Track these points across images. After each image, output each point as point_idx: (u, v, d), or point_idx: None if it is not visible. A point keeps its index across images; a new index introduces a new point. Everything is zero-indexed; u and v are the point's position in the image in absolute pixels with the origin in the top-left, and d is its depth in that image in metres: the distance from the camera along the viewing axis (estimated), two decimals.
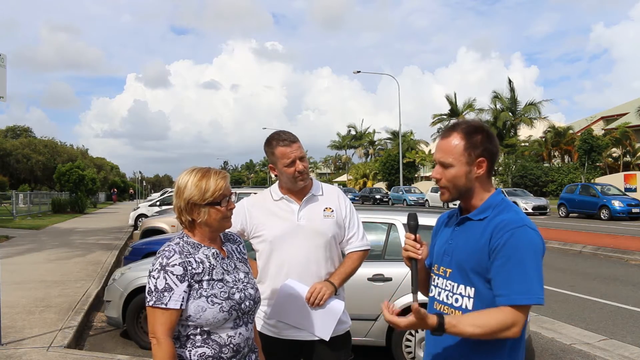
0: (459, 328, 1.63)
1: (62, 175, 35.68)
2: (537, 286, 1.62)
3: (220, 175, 1.90)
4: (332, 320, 2.47)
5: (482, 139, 1.77)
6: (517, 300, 1.61)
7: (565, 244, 13.39)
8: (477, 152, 1.76)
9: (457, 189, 1.79)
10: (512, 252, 1.64)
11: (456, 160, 1.76)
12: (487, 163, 1.78)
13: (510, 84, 47.86)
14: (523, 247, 1.64)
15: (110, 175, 79.10)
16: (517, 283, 1.62)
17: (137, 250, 7.82)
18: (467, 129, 1.78)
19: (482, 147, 1.76)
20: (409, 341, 4.62)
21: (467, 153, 1.76)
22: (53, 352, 4.88)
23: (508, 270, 1.63)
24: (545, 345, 5.57)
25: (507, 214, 1.73)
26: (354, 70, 39.93)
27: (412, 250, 1.84)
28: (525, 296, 1.61)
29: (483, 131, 1.79)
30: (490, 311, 1.65)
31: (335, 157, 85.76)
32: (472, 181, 1.78)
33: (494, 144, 1.79)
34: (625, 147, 39.93)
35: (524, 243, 1.65)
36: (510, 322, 1.61)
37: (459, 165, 1.76)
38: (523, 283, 1.61)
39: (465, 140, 1.76)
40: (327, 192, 2.62)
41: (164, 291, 1.76)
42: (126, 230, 18.68)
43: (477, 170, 1.77)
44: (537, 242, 1.67)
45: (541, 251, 1.68)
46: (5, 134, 60.96)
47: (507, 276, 1.64)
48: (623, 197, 23.07)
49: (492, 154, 1.78)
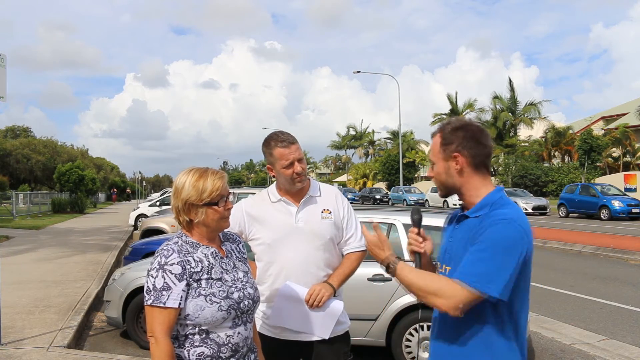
0: (401, 273, 1.76)
1: (62, 175, 35.70)
2: (494, 277, 1.62)
3: (217, 176, 1.90)
4: (331, 320, 2.47)
5: (457, 136, 1.81)
6: (466, 279, 1.64)
7: (565, 244, 13.39)
8: (451, 147, 1.81)
9: (442, 184, 1.88)
10: (485, 241, 1.67)
11: (435, 157, 1.87)
12: (464, 158, 1.80)
13: (510, 84, 47.94)
14: (497, 239, 1.66)
15: (110, 175, 79.09)
16: (476, 267, 1.64)
17: (137, 250, 7.83)
18: (445, 127, 1.85)
19: (456, 143, 1.80)
20: (409, 341, 4.62)
21: (442, 149, 1.84)
22: (53, 352, 4.88)
23: (474, 254, 1.67)
24: (545, 345, 5.57)
25: (502, 209, 1.74)
26: (354, 70, 40.04)
27: (415, 244, 1.91)
28: (474, 279, 1.63)
29: (462, 128, 1.82)
30: (438, 276, 1.76)
31: (335, 157, 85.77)
32: (453, 177, 1.83)
33: (474, 140, 1.80)
34: (625, 147, 39.94)
35: (499, 236, 1.66)
36: (448, 294, 1.65)
37: (438, 162, 1.86)
38: (481, 269, 1.63)
39: (442, 138, 1.84)
40: (324, 193, 2.61)
41: (162, 290, 1.76)
42: (126, 230, 18.68)
43: (455, 165, 1.81)
44: (514, 239, 1.66)
45: (516, 248, 1.65)
46: (4, 134, 60.94)
47: (471, 259, 1.67)
48: (623, 197, 23.07)
49: (469, 149, 1.80)
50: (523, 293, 1.75)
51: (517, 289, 1.70)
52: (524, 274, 1.72)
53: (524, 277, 1.73)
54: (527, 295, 1.79)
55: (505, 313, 1.72)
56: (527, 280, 1.76)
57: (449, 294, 1.65)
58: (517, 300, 1.72)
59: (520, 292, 1.73)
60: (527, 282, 1.76)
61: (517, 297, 1.72)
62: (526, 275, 1.74)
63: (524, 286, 1.74)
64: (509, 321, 1.73)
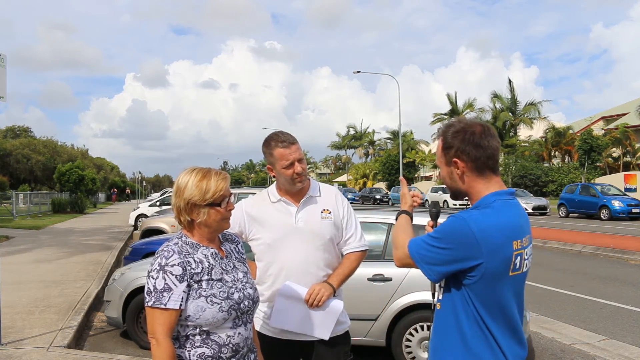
0: (396, 223, 2.03)
1: (62, 175, 35.70)
2: (423, 251, 1.75)
3: (221, 176, 1.90)
4: (331, 320, 2.48)
5: (454, 140, 1.79)
6: (410, 243, 1.82)
7: (565, 244, 13.39)
8: (450, 152, 1.80)
9: (449, 188, 1.89)
10: (440, 226, 1.78)
11: (439, 162, 1.89)
12: (465, 163, 1.77)
13: (510, 84, 47.92)
14: (445, 225, 1.73)
15: (110, 175, 79.06)
16: (423, 237, 1.79)
17: (137, 250, 7.82)
18: (447, 131, 1.83)
19: (454, 148, 1.79)
20: (409, 341, 4.62)
21: (444, 154, 1.83)
22: (53, 352, 4.88)
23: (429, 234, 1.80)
24: (545, 345, 5.57)
25: (478, 211, 1.71)
26: (354, 70, 39.98)
27: None
28: (413, 249, 1.79)
29: (462, 132, 1.78)
30: (409, 235, 1.91)
31: (335, 157, 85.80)
32: (456, 181, 1.83)
33: (472, 142, 1.76)
34: (625, 147, 39.95)
35: (447, 224, 1.72)
36: (399, 247, 1.87)
37: (442, 166, 1.87)
38: (421, 240, 1.78)
39: (442, 142, 1.84)
40: (324, 193, 2.62)
41: (163, 291, 1.76)
42: (126, 230, 18.68)
43: (456, 170, 1.80)
44: (458, 231, 1.67)
45: (455, 240, 1.67)
46: (4, 134, 60.93)
47: (425, 235, 1.81)
48: (623, 197, 23.07)
49: (468, 154, 1.76)
50: (492, 300, 1.70)
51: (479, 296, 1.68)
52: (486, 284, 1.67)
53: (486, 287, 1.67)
54: (507, 305, 1.72)
55: (474, 311, 1.71)
56: (494, 294, 1.69)
57: (399, 248, 1.87)
58: (481, 306, 1.69)
59: (486, 298, 1.69)
60: (495, 296, 1.69)
61: (483, 303, 1.69)
62: (490, 287, 1.68)
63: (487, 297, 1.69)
64: (479, 319, 1.71)
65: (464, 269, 1.68)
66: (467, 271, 1.68)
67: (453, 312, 1.75)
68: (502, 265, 1.67)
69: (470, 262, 1.65)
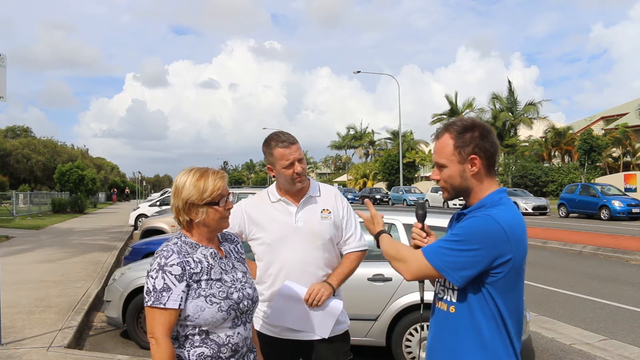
0: (382, 242, 1.95)
1: (62, 175, 35.71)
2: (447, 257, 1.67)
3: (218, 176, 1.90)
4: (330, 319, 2.48)
5: (472, 137, 1.75)
6: (428, 255, 1.72)
7: (565, 244, 13.38)
8: (467, 149, 1.75)
9: (454, 188, 1.82)
10: (461, 229, 1.70)
11: (448, 160, 1.79)
12: (481, 160, 1.76)
13: (509, 84, 47.93)
14: (469, 226, 1.68)
15: (110, 175, 79.11)
16: (439, 242, 1.72)
17: (137, 250, 7.83)
18: (457, 128, 1.78)
19: (472, 144, 1.75)
20: (409, 341, 4.62)
21: (458, 152, 1.77)
22: (53, 352, 4.88)
23: (445, 236, 1.75)
24: (545, 345, 5.57)
25: (495, 209, 1.71)
26: (354, 70, 40.00)
27: (419, 238, 1.93)
28: (434, 257, 1.69)
29: (474, 128, 1.77)
30: (409, 248, 1.88)
31: (335, 157, 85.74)
32: (467, 179, 1.78)
33: (488, 140, 1.76)
34: (625, 147, 39.92)
35: (473, 224, 1.67)
36: (408, 259, 1.78)
37: (452, 165, 1.78)
38: (439, 247, 1.71)
39: (455, 140, 1.77)
40: (324, 193, 2.62)
41: (162, 291, 1.76)
42: (126, 230, 18.68)
43: (471, 168, 1.76)
44: (488, 230, 1.65)
45: (486, 238, 1.64)
46: (4, 134, 60.93)
47: (442, 238, 1.75)
48: (623, 197, 23.06)
49: (485, 151, 1.75)
50: (512, 295, 1.72)
51: (502, 290, 1.69)
52: (509, 279, 1.69)
53: (509, 282, 1.70)
54: (519, 301, 1.76)
55: (494, 309, 1.70)
56: (514, 289, 1.72)
57: (408, 259, 1.78)
58: (502, 302, 1.70)
59: (507, 294, 1.71)
60: (515, 291, 1.73)
61: (504, 299, 1.70)
62: (513, 282, 1.71)
63: (510, 290, 1.71)
64: (498, 316, 1.71)
65: (493, 267, 1.67)
66: (494, 268, 1.67)
67: (469, 315, 1.72)
68: (524, 258, 1.72)
69: (502, 258, 1.66)
